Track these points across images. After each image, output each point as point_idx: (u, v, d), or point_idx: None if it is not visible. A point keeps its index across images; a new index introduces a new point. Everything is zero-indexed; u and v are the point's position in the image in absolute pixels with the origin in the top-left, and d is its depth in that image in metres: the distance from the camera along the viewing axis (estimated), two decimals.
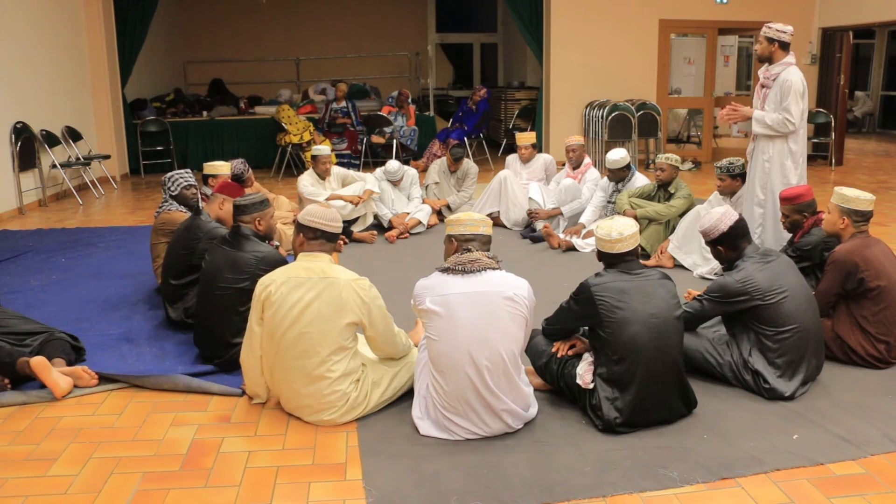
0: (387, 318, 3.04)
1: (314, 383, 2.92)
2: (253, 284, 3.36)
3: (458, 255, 2.85)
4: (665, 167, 5.42)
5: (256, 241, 3.51)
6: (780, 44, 4.55)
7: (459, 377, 2.76)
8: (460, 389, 2.77)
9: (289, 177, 9.59)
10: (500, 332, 2.76)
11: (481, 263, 2.81)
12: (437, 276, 2.85)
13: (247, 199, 3.57)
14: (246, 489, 2.57)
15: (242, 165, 5.60)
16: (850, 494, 2.49)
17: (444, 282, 2.80)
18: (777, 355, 3.12)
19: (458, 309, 2.75)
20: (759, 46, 4.63)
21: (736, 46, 12.78)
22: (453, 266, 2.82)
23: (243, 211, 3.54)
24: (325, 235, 3.03)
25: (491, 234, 2.99)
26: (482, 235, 2.93)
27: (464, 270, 2.79)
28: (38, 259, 5.75)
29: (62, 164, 8.29)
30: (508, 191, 6.57)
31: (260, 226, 3.56)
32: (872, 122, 15.56)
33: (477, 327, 2.73)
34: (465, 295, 2.76)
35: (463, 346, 2.74)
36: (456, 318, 2.74)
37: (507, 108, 11.96)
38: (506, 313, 2.76)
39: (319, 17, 14.15)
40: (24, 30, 7.98)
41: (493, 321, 2.75)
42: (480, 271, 2.80)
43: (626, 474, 2.59)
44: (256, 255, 3.43)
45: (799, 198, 4.01)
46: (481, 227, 2.94)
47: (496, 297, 2.76)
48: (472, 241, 2.90)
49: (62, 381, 3.27)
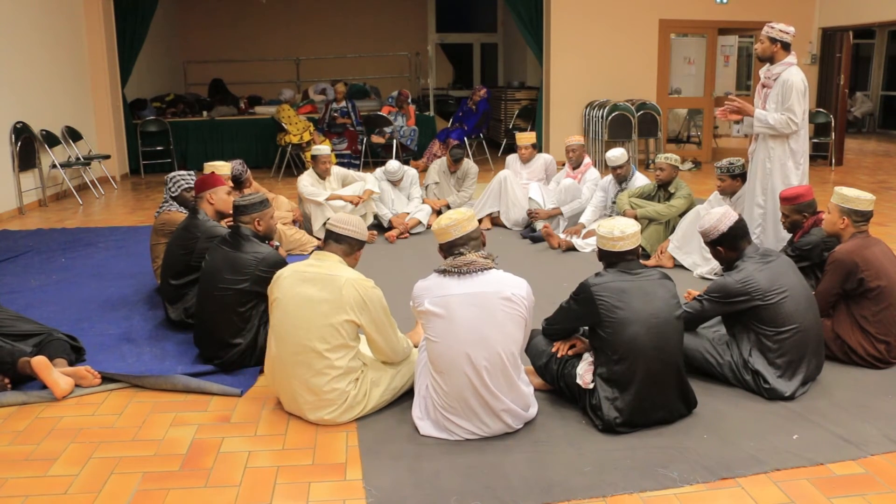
0: (388, 321, 3.03)
1: (312, 379, 2.93)
2: (252, 285, 3.39)
3: (453, 259, 2.84)
4: (665, 167, 5.42)
5: (256, 242, 3.51)
6: (782, 44, 4.55)
7: (458, 377, 2.76)
8: (459, 390, 2.77)
9: (289, 177, 9.59)
10: (498, 332, 2.76)
11: (478, 265, 2.80)
12: (434, 277, 2.85)
13: (246, 199, 3.57)
14: (246, 489, 2.57)
15: (241, 166, 5.60)
16: (850, 494, 2.49)
17: (442, 283, 2.80)
18: (777, 355, 3.12)
19: (457, 310, 2.75)
20: (761, 46, 4.61)
21: (736, 46, 12.79)
22: (449, 268, 2.82)
23: (243, 211, 3.54)
24: (333, 236, 3.06)
25: (477, 226, 2.93)
26: (470, 234, 2.87)
27: (460, 272, 2.79)
28: (38, 259, 5.75)
29: (62, 164, 8.29)
30: (508, 191, 6.57)
31: (259, 226, 3.56)
32: (872, 122, 15.56)
33: (475, 328, 2.73)
34: (462, 296, 2.76)
35: (461, 346, 2.74)
36: (454, 320, 2.75)
37: (507, 108, 11.96)
38: (504, 314, 2.76)
39: (319, 17, 14.16)
40: (24, 30, 7.98)
41: (491, 322, 2.75)
42: (477, 272, 2.79)
43: (626, 474, 2.59)
44: (256, 255, 3.43)
45: (799, 198, 4.01)
46: (466, 225, 2.87)
47: (494, 298, 2.76)
48: (464, 245, 2.85)
49: (63, 382, 3.27)
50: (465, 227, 2.86)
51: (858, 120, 15.39)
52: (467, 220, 2.88)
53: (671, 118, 11.66)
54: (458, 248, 2.85)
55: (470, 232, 2.87)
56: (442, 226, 2.88)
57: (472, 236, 2.87)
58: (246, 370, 3.50)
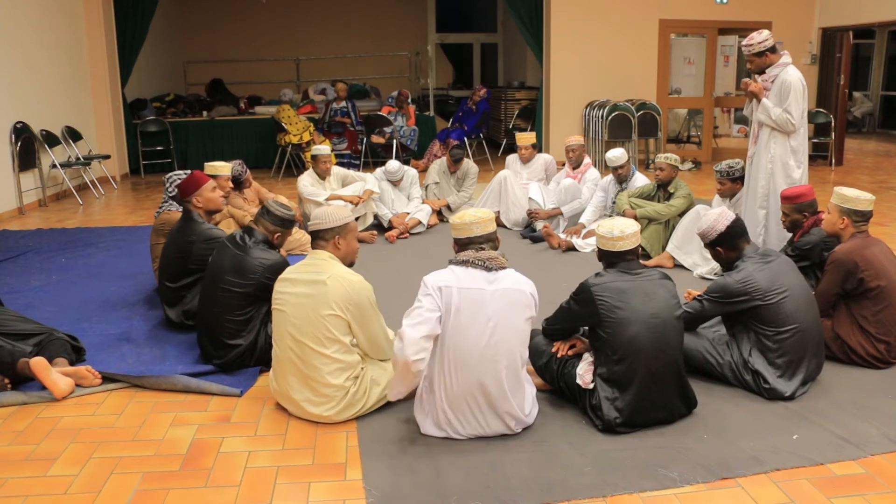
0: (375, 316, 3.03)
1: (308, 374, 2.94)
2: (256, 290, 3.38)
3: (475, 252, 2.82)
4: (664, 167, 5.42)
5: (266, 249, 3.49)
6: (769, 50, 4.56)
7: (471, 374, 2.73)
8: (470, 387, 2.75)
9: (289, 177, 9.59)
10: (516, 331, 2.76)
11: (500, 262, 2.80)
12: (458, 269, 2.80)
13: (278, 210, 3.54)
14: (246, 489, 2.57)
15: (240, 167, 5.60)
16: (850, 494, 2.49)
17: (471, 276, 2.76)
18: (777, 355, 3.12)
19: (487, 305, 2.72)
20: (752, 65, 4.64)
21: (736, 46, 12.77)
22: (474, 260, 2.79)
23: (270, 220, 3.53)
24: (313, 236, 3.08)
25: (496, 229, 2.96)
26: (490, 235, 2.89)
27: (486, 267, 2.77)
28: (38, 259, 5.75)
29: (62, 164, 8.29)
30: (508, 191, 6.57)
31: (277, 238, 3.56)
32: (872, 122, 15.56)
33: (500, 325, 2.72)
34: (492, 292, 2.74)
35: (486, 342, 2.71)
36: (481, 314, 2.72)
37: (507, 108, 11.96)
38: (521, 313, 2.77)
39: (319, 17, 14.16)
40: (24, 30, 7.98)
41: (512, 320, 2.75)
42: (499, 269, 2.79)
43: (626, 474, 2.59)
44: (263, 262, 3.41)
45: (800, 197, 4.01)
46: (489, 226, 2.89)
47: (517, 296, 2.76)
48: (483, 243, 2.87)
49: (62, 382, 3.27)
50: (487, 228, 2.89)
51: (858, 120, 15.39)
52: (489, 221, 2.91)
53: (671, 118, 11.67)
54: (478, 245, 2.85)
55: (491, 233, 2.90)
56: (466, 221, 2.87)
57: (491, 237, 2.90)
58: (246, 370, 3.49)
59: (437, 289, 2.74)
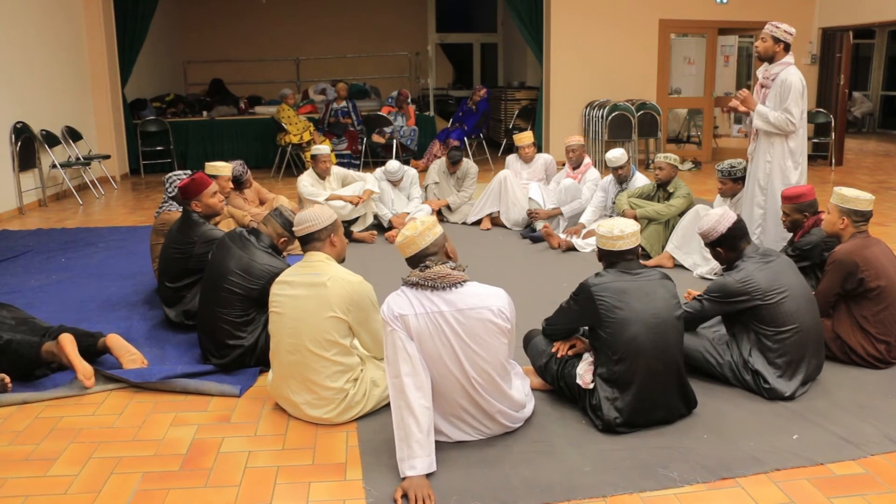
0: (377, 316, 2.99)
1: (308, 377, 2.94)
2: (260, 296, 3.37)
3: (421, 271, 2.64)
4: (664, 166, 5.42)
5: (273, 255, 3.49)
6: (784, 45, 4.56)
7: (450, 386, 2.67)
8: (452, 397, 2.70)
9: (289, 177, 9.59)
10: (484, 348, 2.64)
11: (453, 278, 2.61)
12: (407, 291, 2.64)
13: (291, 215, 3.52)
14: (246, 489, 2.57)
15: (241, 167, 5.60)
16: (850, 494, 2.48)
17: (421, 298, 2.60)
18: (777, 355, 3.12)
19: (444, 327, 2.59)
20: (763, 45, 4.60)
21: (736, 46, 12.79)
22: (421, 280, 2.61)
23: (280, 222, 3.53)
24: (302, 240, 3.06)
25: (443, 233, 2.74)
26: (437, 241, 2.68)
27: (434, 287, 2.60)
28: (38, 259, 5.75)
29: (62, 164, 8.29)
30: (508, 191, 6.57)
31: (282, 244, 3.57)
32: (872, 122, 15.56)
33: (463, 345, 2.61)
34: (449, 313, 2.58)
35: (450, 363, 2.62)
36: (440, 337, 2.59)
37: (507, 108, 11.96)
38: (490, 331, 2.64)
39: (319, 17, 14.16)
40: (24, 30, 7.98)
41: (477, 338, 2.62)
42: (454, 286, 2.61)
43: (626, 474, 2.58)
44: (271, 270, 3.38)
45: (801, 197, 4.01)
46: (431, 231, 2.68)
47: (479, 314, 2.61)
48: (428, 256, 2.67)
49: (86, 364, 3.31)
50: (432, 234, 2.68)
51: (858, 120, 15.39)
52: (432, 227, 2.69)
53: (671, 118, 11.67)
54: (426, 259, 2.66)
55: (437, 239, 2.69)
56: (407, 235, 2.67)
57: (438, 243, 2.68)
58: (246, 370, 3.49)
59: (396, 317, 2.59)
